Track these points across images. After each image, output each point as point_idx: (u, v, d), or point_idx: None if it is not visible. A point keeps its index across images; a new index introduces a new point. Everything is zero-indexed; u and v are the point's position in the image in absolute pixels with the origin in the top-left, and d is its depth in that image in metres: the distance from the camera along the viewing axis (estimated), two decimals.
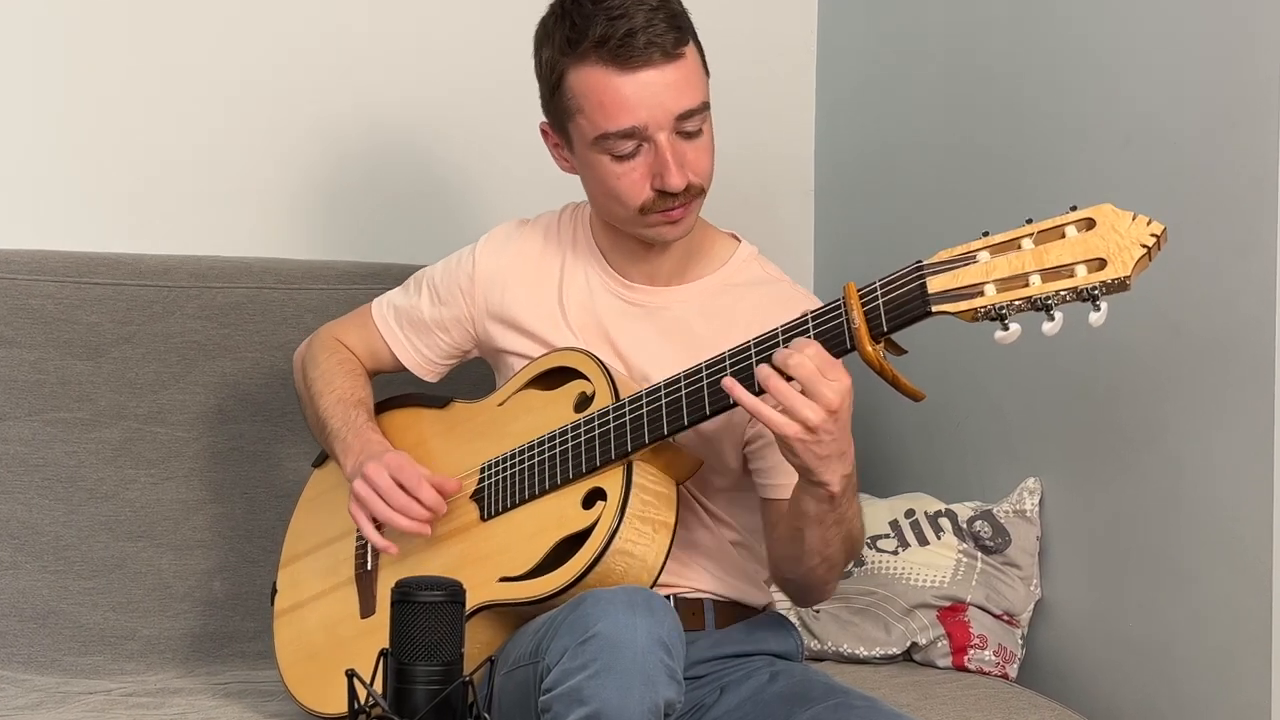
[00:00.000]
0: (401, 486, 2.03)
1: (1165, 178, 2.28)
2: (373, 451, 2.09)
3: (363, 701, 1.65)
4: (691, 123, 1.99)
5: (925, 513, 2.61)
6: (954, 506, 2.61)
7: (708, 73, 2.04)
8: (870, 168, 3.02)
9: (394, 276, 2.41)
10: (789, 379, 1.81)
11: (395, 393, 2.28)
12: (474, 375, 2.41)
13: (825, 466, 1.83)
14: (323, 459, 2.31)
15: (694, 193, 2.02)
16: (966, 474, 2.72)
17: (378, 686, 1.65)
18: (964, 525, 2.58)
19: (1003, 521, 2.56)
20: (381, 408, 2.25)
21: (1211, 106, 2.21)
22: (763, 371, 1.82)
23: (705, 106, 2.01)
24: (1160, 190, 2.28)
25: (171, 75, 2.78)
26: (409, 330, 2.24)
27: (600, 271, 2.15)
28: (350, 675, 1.65)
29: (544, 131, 2.11)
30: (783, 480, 2.00)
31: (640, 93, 1.96)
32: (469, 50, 2.92)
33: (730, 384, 1.85)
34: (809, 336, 1.82)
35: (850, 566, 2.58)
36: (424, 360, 2.24)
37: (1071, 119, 2.47)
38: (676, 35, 1.98)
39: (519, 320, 2.15)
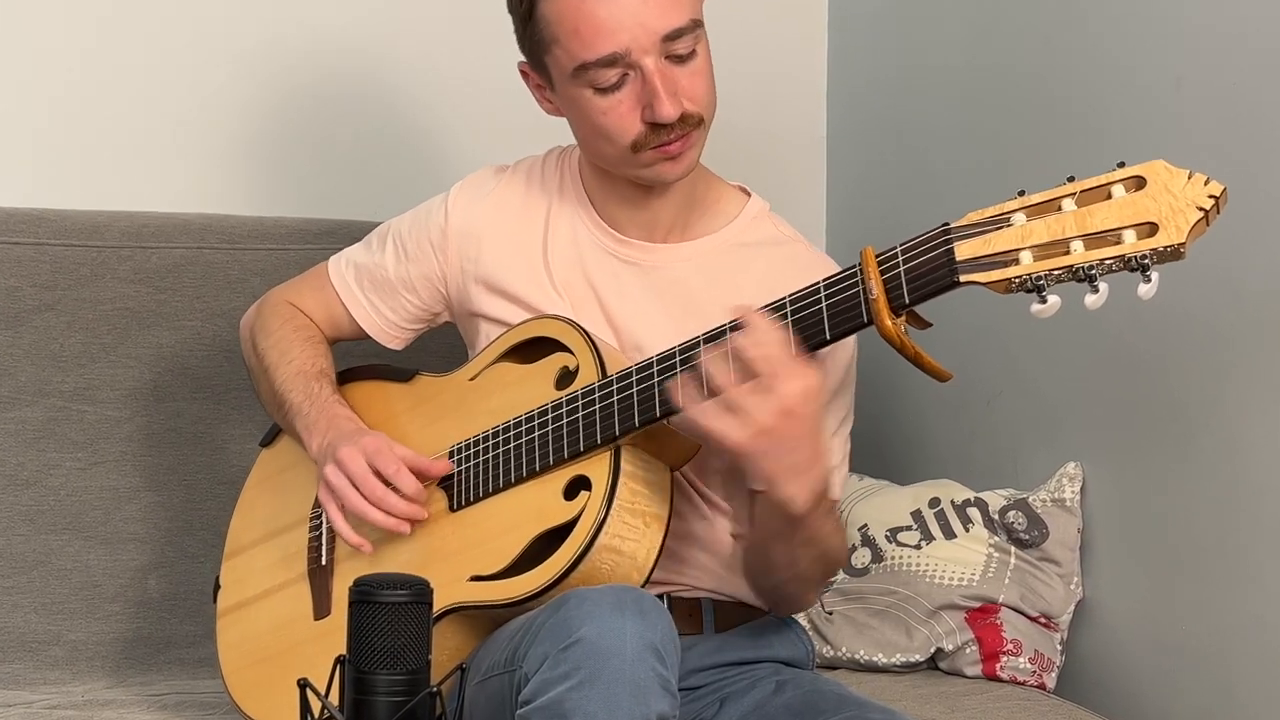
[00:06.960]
0: (378, 474, 2.02)
1: (1222, 122, 2.27)
2: (344, 430, 2.07)
3: (316, 714, 1.65)
4: (681, 44, 1.97)
5: (952, 502, 2.61)
6: (984, 495, 2.61)
7: None
8: (888, 110, 3.02)
9: (350, 235, 2.41)
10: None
11: (356, 363, 2.27)
12: (443, 344, 2.40)
13: (788, 480, 1.82)
14: (272, 437, 2.30)
15: (691, 123, 2.00)
16: (999, 458, 2.72)
17: (333, 697, 1.64)
18: (996, 516, 2.58)
19: (1039, 512, 2.55)
20: (339, 380, 2.23)
21: (1274, 41, 2.19)
22: (712, 362, 1.82)
23: (696, 24, 1.99)
24: (1217, 136, 2.27)
25: (98, 11, 2.76)
26: (370, 291, 2.23)
27: (590, 224, 2.13)
28: (303, 685, 1.65)
29: (524, 73, 2.10)
30: None
31: (618, 14, 1.95)
32: None
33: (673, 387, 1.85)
34: (820, 308, 1.81)
35: (867, 563, 2.58)
36: (387, 325, 2.23)
37: (1115, 57, 2.46)
38: None
39: (497, 279, 2.14)
